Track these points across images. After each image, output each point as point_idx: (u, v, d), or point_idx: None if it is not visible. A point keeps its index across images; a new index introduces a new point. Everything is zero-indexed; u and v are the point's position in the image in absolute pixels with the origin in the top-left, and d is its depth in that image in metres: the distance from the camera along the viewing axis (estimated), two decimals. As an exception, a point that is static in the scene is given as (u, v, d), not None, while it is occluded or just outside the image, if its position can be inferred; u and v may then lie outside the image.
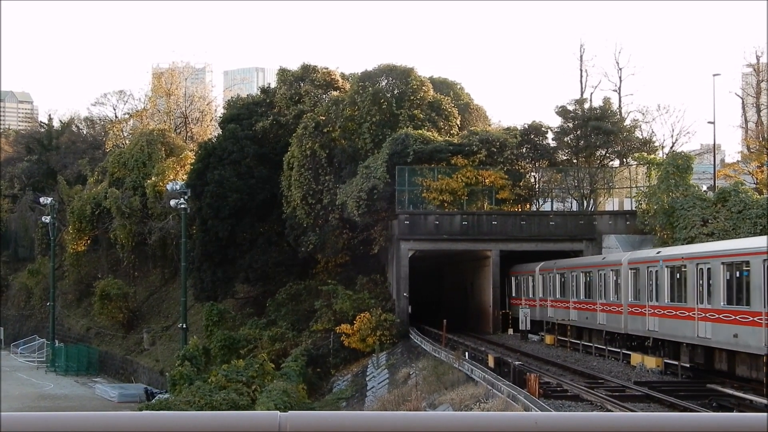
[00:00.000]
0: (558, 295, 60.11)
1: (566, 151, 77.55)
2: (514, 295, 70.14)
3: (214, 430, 4.84)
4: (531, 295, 65.34)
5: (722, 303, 36.62)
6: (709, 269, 37.98)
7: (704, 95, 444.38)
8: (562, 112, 76.83)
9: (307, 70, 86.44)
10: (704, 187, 70.26)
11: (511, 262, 70.72)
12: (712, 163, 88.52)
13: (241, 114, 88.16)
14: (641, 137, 78.03)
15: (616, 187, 73.34)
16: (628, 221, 67.34)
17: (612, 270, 50.53)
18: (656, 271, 44.05)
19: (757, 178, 77.61)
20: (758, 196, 60.49)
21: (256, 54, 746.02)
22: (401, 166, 70.05)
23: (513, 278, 70.60)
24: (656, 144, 79.19)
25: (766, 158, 79.54)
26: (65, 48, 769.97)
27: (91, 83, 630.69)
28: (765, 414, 5.02)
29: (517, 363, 40.07)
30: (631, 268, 47.88)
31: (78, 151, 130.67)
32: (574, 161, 76.43)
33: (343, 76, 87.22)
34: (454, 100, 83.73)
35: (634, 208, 67.34)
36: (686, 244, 53.42)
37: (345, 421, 4.94)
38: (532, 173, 75.56)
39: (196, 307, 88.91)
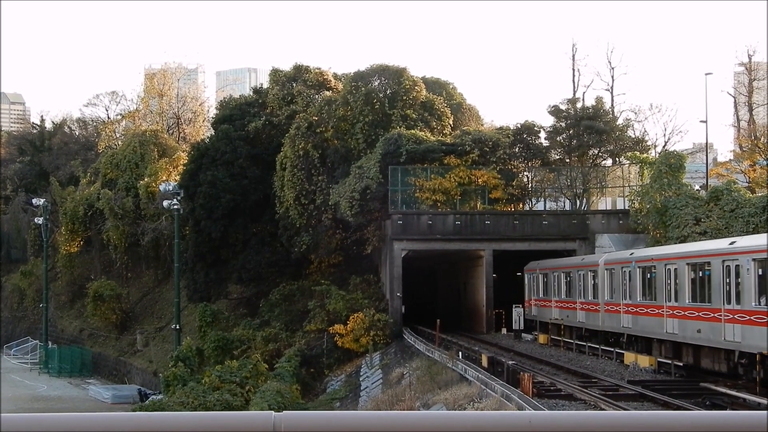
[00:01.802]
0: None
1: (559, 150, 77.64)
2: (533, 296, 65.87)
3: (209, 431, 4.84)
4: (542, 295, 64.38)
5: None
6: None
7: (696, 94, 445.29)
8: (555, 111, 76.90)
9: (299, 71, 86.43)
10: (697, 186, 70.34)
11: (505, 261, 70.73)
12: (705, 162, 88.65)
13: (233, 114, 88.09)
14: (634, 136, 78.15)
15: (609, 186, 73.41)
16: (620, 220, 67.40)
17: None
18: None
19: (749, 177, 77.73)
20: (751, 195, 60.56)
21: (249, 54, 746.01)
22: (394, 166, 70.08)
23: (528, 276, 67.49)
24: (649, 143, 79.35)
25: (758, 157, 79.68)
26: (57, 49, 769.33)
27: (83, 84, 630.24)
28: (765, 412, 5.04)
29: (510, 362, 40.11)
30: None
31: (70, 152, 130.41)
32: (567, 161, 76.50)
33: (335, 76, 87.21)
34: (447, 99, 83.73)
35: (626, 208, 67.39)
36: (679, 243, 53.51)
37: (339, 421, 4.95)
38: (525, 173, 75.59)
39: (190, 308, 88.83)
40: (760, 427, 4.97)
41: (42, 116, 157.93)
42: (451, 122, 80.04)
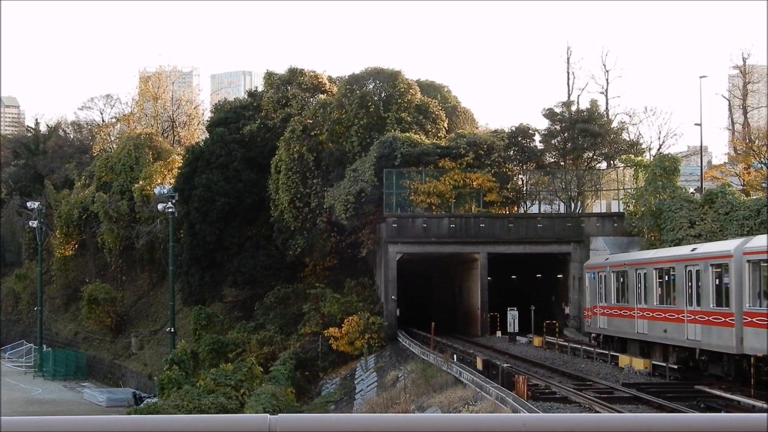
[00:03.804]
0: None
1: (553, 153, 77.70)
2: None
3: (204, 433, 4.85)
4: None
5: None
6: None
7: (691, 97, 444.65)
8: (550, 114, 76.98)
9: (294, 74, 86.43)
10: (691, 189, 70.47)
11: (500, 264, 70.76)
12: (699, 164, 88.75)
13: (228, 118, 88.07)
14: (628, 139, 78.17)
15: (604, 189, 73.48)
16: (615, 223, 67.45)
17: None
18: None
19: (744, 180, 77.83)
20: (745, 198, 60.66)
21: (243, 58, 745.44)
22: (389, 169, 70.10)
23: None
24: (643, 146, 79.37)
25: (752, 160, 79.76)
26: (52, 52, 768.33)
27: (78, 87, 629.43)
28: (765, 414, 5.05)
29: (505, 365, 40.15)
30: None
31: (65, 156, 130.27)
32: (562, 163, 76.56)
33: (330, 79, 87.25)
34: (442, 103, 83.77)
35: (621, 210, 67.48)
36: (674, 245, 53.62)
37: (334, 424, 4.96)
38: (520, 176, 75.66)
39: (184, 311, 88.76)
40: (759, 429, 4.97)
41: (36, 119, 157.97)
42: (445, 125, 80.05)
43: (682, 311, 38.49)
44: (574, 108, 79.31)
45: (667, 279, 40.84)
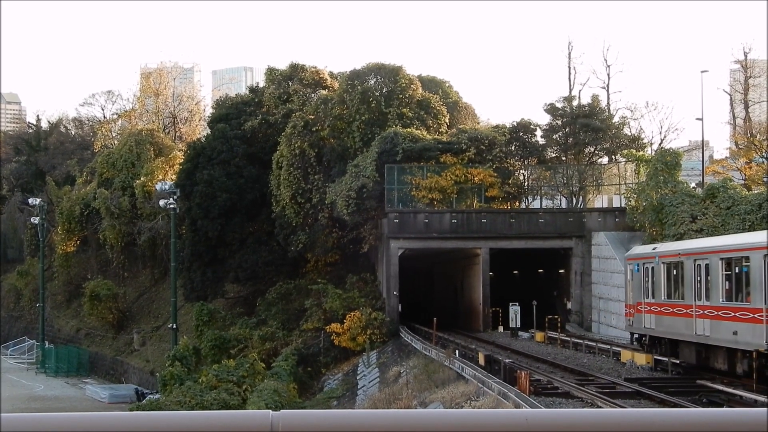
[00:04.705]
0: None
1: (555, 148, 77.71)
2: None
3: (207, 430, 4.85)
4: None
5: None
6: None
7: (692, 92, 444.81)
8: (551, 109, 76.94)
9: (295, 69, 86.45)
10: (693, 184, 70.44)
11: (502, 260, 70.76)
12: (701, 159, 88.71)
13: (229, 113, 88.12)
14: (630, 134, 78.14)
15: (605, 184, 73.44)
16: (617, 218, 67.44)
17: None
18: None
19: (745, 174, 77.85)
20: (747, 192, 60.65)
21: (245, 53, 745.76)
22: (390, 165, 70.08)
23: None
24: (645, 141, 79.33)
25: (754, 154, 79.76)
26: (53, 48, 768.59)
27: (79, 84, 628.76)
28: (765, 409, 5.04)
29: (507, 360, 40.11)
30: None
31: (66, 152, 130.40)
32: (563, 158, 76.55)
33: (331, 75, 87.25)
34: (443, 98, 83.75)
35: (623, 205, 67.47)
36: (675, 240, 53.55)
37: (336, 420, 4.96)
38: (522, 171, 75.61)
39: (186, 307, 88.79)
40: (760, 424, 4.97)
41: (38, 116, 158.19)
42: (447, 120, 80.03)
43: (761, 310, 32.03)
44: (575, 103, 79.29)
45: (737, 271, 34.54)
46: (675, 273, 39.55)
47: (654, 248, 42.76)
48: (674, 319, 39.18)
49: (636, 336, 44.74)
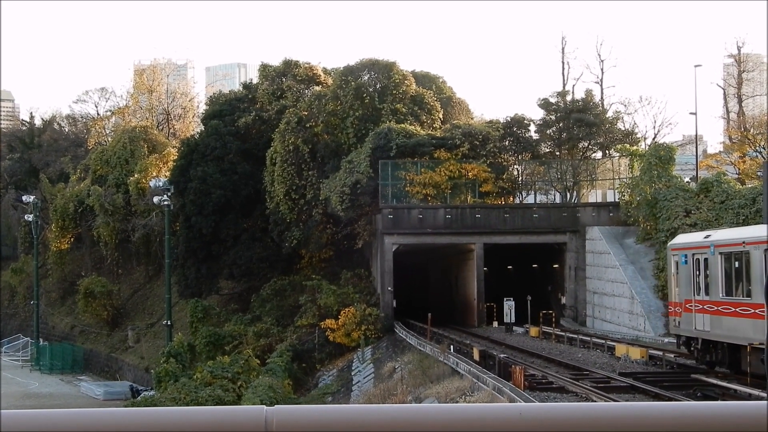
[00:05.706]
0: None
1: (549, 143, 77.78)
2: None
3: (202, 425, 4.85)
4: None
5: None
6: (706, 259, 36.50)
7: (686, 86, 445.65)
8: (545, 104, 77.02)
9: (289, 66, 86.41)
10: (687, 178, 70.55)
11: (496, 255, 70.78)
12: (695, 153, 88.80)
13: (223, 110, 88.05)
14: (623, 129, 78.28)
15: (599, 178, 73.51)
16: (611, 213, 67.51)
17: None
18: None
19: (739, 169, 77.94)
20: (740, 187, 60.73)
21: (238, 50, 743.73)
22: (384, 161, 70.10)
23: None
24: (638, 135, 79.50)
25: (747, 148, 79.84)
26: (46, 46, 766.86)
27: (72, 81, 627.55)
28: (764, 402, 5.04)
29: (502, 356, 40.16)
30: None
31: (60, 149, 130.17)
32: (557, 153, 76.63)
33: (325, 71, 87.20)
34: (437, 93, 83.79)
35: (617, 200, 67.55)
36: (669, 234, 53.65)
37: (331, 415, 4.95)
38: (515, 166, 75.67)
39: (181, 304, 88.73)
40: (759, 417, 4.97)
41: (31, 113, 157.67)
42: (441, 116, 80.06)
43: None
44: (569, 98, 79.39)
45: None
46: (737, 265, 33.65)
47: (707, 236, 37.51)
48: (737, 321, 33.26)
49: (683, 339, 38.39)
